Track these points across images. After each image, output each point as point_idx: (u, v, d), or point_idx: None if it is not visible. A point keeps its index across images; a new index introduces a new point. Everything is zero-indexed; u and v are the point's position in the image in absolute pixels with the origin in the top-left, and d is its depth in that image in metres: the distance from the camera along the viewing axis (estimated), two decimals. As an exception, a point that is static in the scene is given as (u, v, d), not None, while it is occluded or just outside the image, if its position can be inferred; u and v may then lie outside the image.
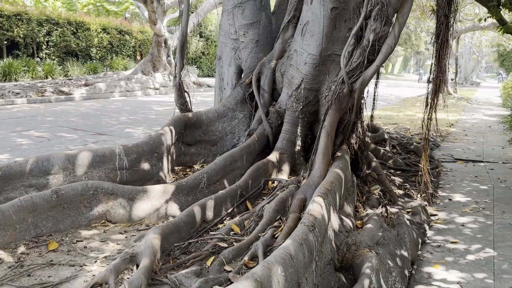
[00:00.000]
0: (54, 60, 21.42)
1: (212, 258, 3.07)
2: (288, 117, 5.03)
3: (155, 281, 2.69)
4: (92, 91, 17.24)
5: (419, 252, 3.79)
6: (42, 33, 20.92)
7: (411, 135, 9.79)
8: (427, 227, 4.29)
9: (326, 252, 2.88)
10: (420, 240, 3.91)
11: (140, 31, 27.52)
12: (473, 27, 23.20)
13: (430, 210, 4.86)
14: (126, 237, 3.48)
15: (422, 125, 4.40)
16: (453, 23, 3.76)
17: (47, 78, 19.99)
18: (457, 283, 3.28)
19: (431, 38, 3.97)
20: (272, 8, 6.24)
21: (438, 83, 4.01)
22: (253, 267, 2.98)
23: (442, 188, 5.79)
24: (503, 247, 3.92)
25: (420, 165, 6.41)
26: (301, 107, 4.98)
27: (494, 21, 11.53)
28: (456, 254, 3.78)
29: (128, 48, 26.49)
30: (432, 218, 4.65)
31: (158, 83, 20.92)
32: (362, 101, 4.28)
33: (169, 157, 5.03)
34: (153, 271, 2.76)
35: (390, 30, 3.62)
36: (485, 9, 16.03)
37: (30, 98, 14.32)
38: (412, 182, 5.72)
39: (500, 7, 8.63)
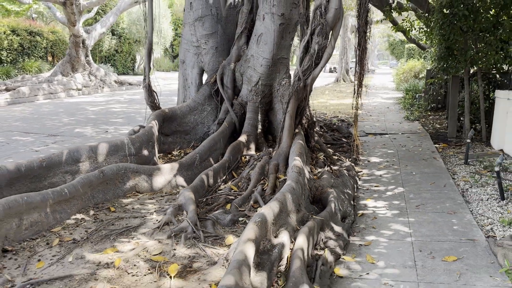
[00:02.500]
0: (-38, 65, 20.39)
1: (229, 204, 4.48)
2: (250, 108, 6.51)
3: (200, 219, 4.03)
4: (16, 96, 17.02)
5: (356, 194, 5.53)
6: None
7: (330, 118, 11.79)
8: (357, 178, 6.08)
9: (306, 190, 4.44)
10: (355, 186, 5.66)
11: (51, 32, 26.81)
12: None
13: (357, 168, 6.67)
14: (156, 200, 4.72)
15: (352, 107, 6.16)
16: (369, 36, 5.50)
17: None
18: (383, 207, 5.05)
19: (355, 47, 5.71)
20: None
21: (361, 78, 5.76)
22: (258, 207, 4.46)
23: (361, 154, 7.69)
24: (409, 185, 5.82)
25: (344, 139, 8.31)
26: (260, 99, 6.49)
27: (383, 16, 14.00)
28: (379, 193, 5.58)
29: (39, 49, 25.72)
30: (359, 173, 6.46)
31: (79, 83, 20.97)
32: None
33: (157, 145, 6.23)
34: (196, 213, 4.09)
35: (328, 42, 5.24)
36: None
37: (-47, 106, 13.99)
38: (340, 151, 7.52)
39: (392, 11, 10.93)
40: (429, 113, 12.78)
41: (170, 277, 2.99)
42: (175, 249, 3.43)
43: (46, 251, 3.35)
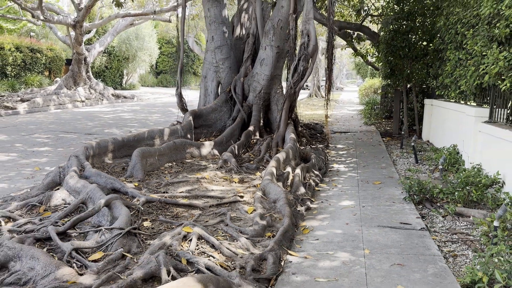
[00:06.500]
0: (-28, 79, 22.60)
1: (252, 161, 7.49)
2: (255, 108, 9.57)
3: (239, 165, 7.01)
4: (32, 106, 19.48)
5: (326, 161, 8.62)
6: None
7: (306, 122, 14.97)
8: (327, 154, 9.20)
9: (298, 152, 7.51)
10: (326, 157, 8.78)
11: (49, 49, 29.20)
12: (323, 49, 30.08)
13: (327, 150, 9.79)
14: (205, 161, 7.67)
15: (325, 105, 9.31)
16: (334, 62, 8.61)
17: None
18: (343, 167, 8.16)
19: (325, 67, 8.86)
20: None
21: (328, 91, 8.90)
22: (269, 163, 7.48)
23: (331, 143, 10.85)
24: (360, 158, 8.97)
25: (318, 134, 11.45)
26: (261, 102, 9.57)
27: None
28: (341, 161, 8.70)
29: (39, 65, 28.07)
30: (329, 152, 9.59)
31: (82, 96, 23.49)
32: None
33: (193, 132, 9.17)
34: (236, 162, 7.06)
35: (309, 65, 8.34)
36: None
37: (-15, 114, 16.40)
38: (315, 141, 10.63)
39: (353, 40, 14.29)
40: (383, 120, 16.17)
41: (235, 182, 5.98)
42: (231, 175, 6.42)
43: (164, 175, 6.27)
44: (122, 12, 23.50)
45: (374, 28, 15.67)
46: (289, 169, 6.50)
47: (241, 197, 5.35)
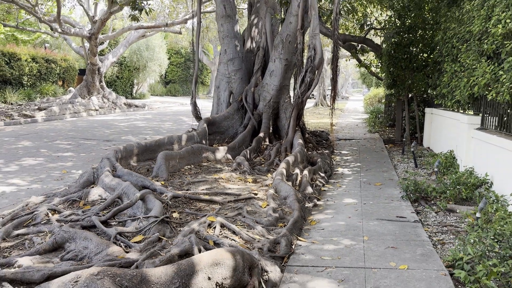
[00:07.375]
0: (-9, 89, 23.57)
1: (263, 164, 8.16)
2: (264, 116, 10.27)
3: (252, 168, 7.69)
4: (49, 114, 20.32)
5: (332, 165, 9.28)
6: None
7: (312, 130, 15.64)
8: (332, 159, 9.86)
9: (305, 156, 8.17)
10: (331, 161, 9.43)
11: (63, 60, 30.20)
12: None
13: (332, 156, 10.44)
14: (220, 164, 8.35)
15: (330, 113, 9.97)
16: (338, 73, 9.32)
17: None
18: (348, 170, 8.81)
19: (330, 80, 9.52)
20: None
21: (333, 100, 9.59)
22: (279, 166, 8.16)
23: (336, 149, 11.50)
24: (363, 162, 9.61)
25: (324, 141, 12.12)
26: (271, 111, 10.27)
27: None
28: (346, 165, 9.35)
29: (54, 75, 29.05)
30: (334, 158, 10.24)
31: (96, 105, 24.33)
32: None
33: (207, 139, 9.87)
34: (249, 165, 7.74)
35: (315, 76, 9.04)
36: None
37: (5, 121, 17.22)
38: (321, 147, 11.29)
39: (357, 52, 14.99)
40: (387, 128, 16.81)
41: (249, 182, 6.66)
42: (245, 176, 7.10)
43: (185, 176, 6.97)
44: (135, 24, 24.41)
45: (377, 40, 16.38)
46: (297, 171, 7.17)
47: (255, 194, 6.03)
